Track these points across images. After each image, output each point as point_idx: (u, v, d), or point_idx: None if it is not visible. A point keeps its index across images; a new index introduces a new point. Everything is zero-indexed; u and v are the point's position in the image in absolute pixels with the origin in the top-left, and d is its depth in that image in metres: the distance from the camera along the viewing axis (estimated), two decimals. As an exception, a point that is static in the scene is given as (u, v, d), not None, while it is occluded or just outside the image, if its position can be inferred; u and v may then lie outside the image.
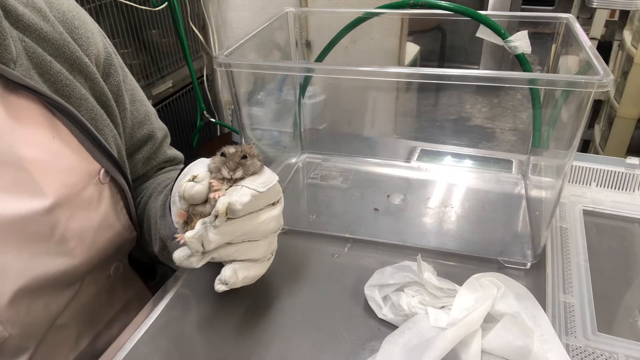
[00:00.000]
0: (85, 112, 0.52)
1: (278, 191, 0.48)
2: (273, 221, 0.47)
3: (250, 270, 0.47)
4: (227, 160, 0.45)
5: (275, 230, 0.49)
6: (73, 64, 0.52)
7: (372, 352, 0.47)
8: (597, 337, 0.48)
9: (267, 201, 0.46)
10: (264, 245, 0.48)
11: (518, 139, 2.16)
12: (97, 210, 0.54)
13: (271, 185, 0.46)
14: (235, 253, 0.46)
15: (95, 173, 0.53)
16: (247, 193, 0.44)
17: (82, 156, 0.52)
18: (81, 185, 0.51)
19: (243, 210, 0.44)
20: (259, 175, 0.46)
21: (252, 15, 1.61)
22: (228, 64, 0.55)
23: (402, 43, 1.45)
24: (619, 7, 1.71)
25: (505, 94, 2.48)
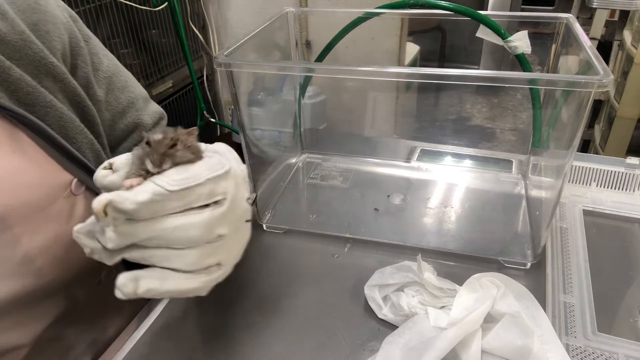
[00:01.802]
0: (53, 121, 0.48)
1: (208, 193, 0.39)
2: (196, 229, 0.38)
3: (167, 282, 0.39)
4: (151, 151, 0.38)
5: (205, 238, 0.39)
6: (38, 66, 0.47)
7: (372, 352, 0.47)
8: (597, 337, 0.48)
9: (184, 203, 0.38)
10: (193, 255, 0.39)
11: (518, 139, 2.16)
12: (69, 224, 0.48)
13: (190, 185, 0.37)
14: (152, 258, 0.39)
15: (66, 185, 0.49)
16: (147, 190, 0.36)
17: (49, 169, 0.48)
18: (47, 201, 0.47)
19: (141, 210, 0.36)
20: (184, 169, 0.38)
21: (252, 15, 1.61)
22: (228, 64, 0.54)
23: (402, 43, 1.45)
24: (619, 7, 1.71)
25: (505, 94, 2.48)
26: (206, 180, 0.38)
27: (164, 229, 0.37)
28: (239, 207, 0.42)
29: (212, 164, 0.40)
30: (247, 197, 0.44)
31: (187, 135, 0.39)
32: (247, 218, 0.44)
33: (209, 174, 0.38)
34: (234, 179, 0.41)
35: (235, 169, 0.42)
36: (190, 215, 0.38)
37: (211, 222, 0.39)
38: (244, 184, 0.43)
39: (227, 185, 0.40)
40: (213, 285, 0.42)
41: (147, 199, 0.36)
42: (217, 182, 0.39)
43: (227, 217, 0.40)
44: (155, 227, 0.37)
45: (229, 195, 0.40)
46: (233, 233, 0.41)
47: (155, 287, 0.39)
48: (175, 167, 0.38)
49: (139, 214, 0.36)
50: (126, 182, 0.37)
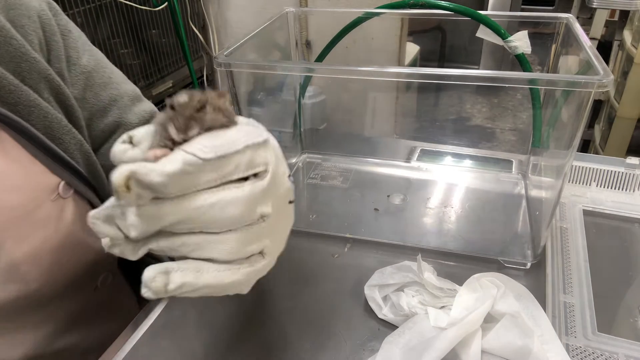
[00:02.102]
0: (37, 120, 0.45)
1: (247, 163, 0.32)
2: (236, 206, 0.31)
3: (204, 275, 0.33)
4: (175, 115, 0.32)
5: (246, 218, 0.32)
6: (20, 63, 0.44)
7: (372, 352, 0.47)
8: (597, 337, 0.48)
9: (220, 175, 0.31)
10: (233, 240, 0.32)
11: (518, 139, 2.16)
12: (57, 228, 0.46)
13: (227, 152, 0.31)
14: (183, 248, 0.33)
15: (53, 188, 0.46)
16: (177, 159, 0.30)
17: (34, 171, 0.45)
18: (32, 205, 0.44)
19: (171, 184, 0.30)
20: (216, 135, 0.32)
21: (252, 15, 1.61)
22: (228, 64, 0.54)
23: (402, 43, 1.45)
24: (619, 7, 1.71)
25: (505, 94, 2.48)
26: (245, 147, 0.32)
27: (198, 208, 0.31)
28: (281, 184, 0.35)
29: (249, 131, 0.34)
30: (288, 174, 0.37)
31: (217, 97, 0.33)
32: (291, 198, 0.38)
33: (247, 140, 0.32)
34: (273, 150, 0.34)
35: (273, 140, 0.36)
36: (228, 189, 0.31)
37: (253, 197, 0.32)
38: (284, 160, 0.37)
39: (267, 155, 0.33)
40: (256, 279, 0.36)
41: (178, 169, 0.29)
42: (256, 151, 0.33)
43: (269, 194, 0.33)
44: (187, 206, 0.31)
45: (270, 167, 0.33)
46: (276, 215, 0.34)
47: (190, 281, 0.32)
48: (205, 133, 0.32)
49: (168, 190, 0.30)
50: (150, 152, 0.31)
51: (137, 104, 0.57)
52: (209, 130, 0.32)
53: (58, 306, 0.49)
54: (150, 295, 0.32)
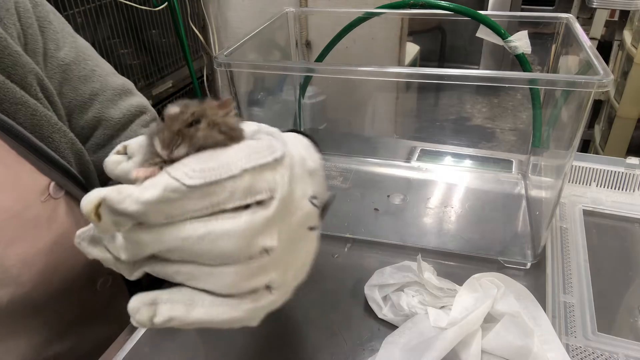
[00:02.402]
0: (25, 119, 0.44)
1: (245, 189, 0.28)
2: (229, 239, 0.28)
3: (196, 309, 0.29)
4: (163, 128, 0.28)
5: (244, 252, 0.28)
6: (3, 57, 0.43)
7: (372, 352, 0.47)
8: (597, 337, 0.48)
9: (211, 203, 0.27)
10: (230, 274, 0.29)
11: (518, 139, 2.16)
12: (49, 230, 0.45)
13: (217, 178, 0.27)
14: (177, 276, 0.29)
15: (43, 189, 0.44)
16: (158, 184, 0.27)
17: (21, 172, 0.44)
18: (20, 206, 0.43)
19: (151, 213, 0.27)
20: (210, 156, 0.28)
21: (252, 15, 1.61)
22: (228, 64, 0.54)
23: (402, 43, 1.45)
24: (619, 7, 1.71)
25: (505, 94, 2.48)
26: (241, 171, 0.28)
27: (185, 239, 0.27)
28: (296, 210, 0.31)
29: (256, 149, 0.29)
30: (310, 196, 0.32)
31: (216, 109, 0.29)
32: (311, 224, 0.33)
33: (246, 163, 0.28)
34: (288, 171, 0.30)
35: (293, 157, 0.31)
36: (221, 220, 0.28)
37: (251, 229, 0.28)
38: (308, 178, 0.32)
39: (275, 178, 0.29)
40: (263, 314, 0.32)
41: (156, 196, 0.26)
42: (260, 173, 0.28)
43: (275, 223, 0.29)
44: (173, 236, 0.27)
45: (278, 193, 0.29)
46: (288, 245, 0.30)
47: (179, 316, 0.29)
48: (198, 152, 0.28)
49: (149, 218, 0.27)
50: (133, 172, 0.28)
51: (125, 98, 0.54)
52: (202, 148, 0.28)
53: (54, 310, 0.48)
54: (135, 324, 0.29)
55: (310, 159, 0.33)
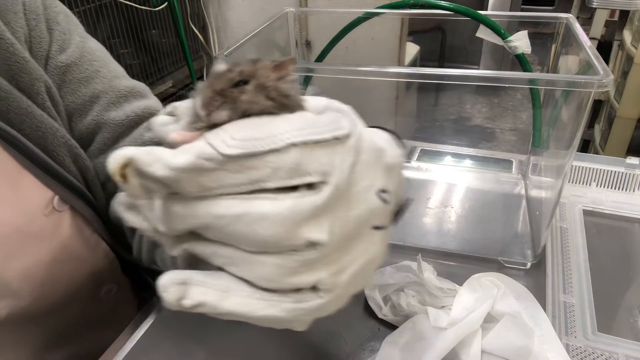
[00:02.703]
0: (30, 130, 0.42)
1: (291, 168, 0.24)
2: (267, 224, 0.24)
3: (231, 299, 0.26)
4: (207, 87, 0.25)
5: (285, 242, 0.24)
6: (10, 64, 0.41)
7: (372, 352, 0.47)
8: (597, 337, 0.48)
9: (249, 179, 0.24)
10: (270, 265, 0.25)
11: (518, 139, 2.16)
12: (52, 244, 0.44)
13: (258, 149, 0.24)
14: (215, 258, 0.27)
15: (47, 202, 0.43)
16: (192, 150, 0.24)
17: (24, 184, 0.42)
18: (23, 220, 0.41)
19: (182, 181, 0.24)
20: (256, 124, 0.25)
21: (252, 15, 1.61)
22: (228, 64, 0.54)
23: (402, 43, 1.45)
24: (619, 7, 1.71)
25: (505, 94, 2.48)
26: (288, 145, 0.24)
27: (219, 217, 0.24)
28: (358, 202, 0.26)
29: (312, 123, 0.25)
30: (379, 189, 0.27)
31: (270, 71, 0.25)
32: (377, 223, 0.28)
33: (295, 136, 0.24)
34: (351, 154, 0.25)
35: (362, 141, 0.26)
36: (260, 200, 0.24)
37: (294, 216, 0.24)
38: (381, 170, 0.27)
39: (332, 160, 0.24)
40: (309, 319, 0.28)
41: (188, 163, 0.23)
42: (312, 152, 0.24)
43: (326, 213, 0.25)
44: (206, 211, 0.24)
45: (334, 177, 0.24)
46: (343, 242, 0.26)
47: (211, 302, 0.27)
48: (243, 119, 0.25)
49: (182, 187, 0.24)
50: (172, 134, 0.25)
51: (132, 101, 0.50)
52: (248, 114, 0.25)
53: (55, 319, 0.47)
54: (165, 304, 0.27)
55: (390, 153, 0.28)
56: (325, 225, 0.25)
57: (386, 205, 0.27)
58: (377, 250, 0.29)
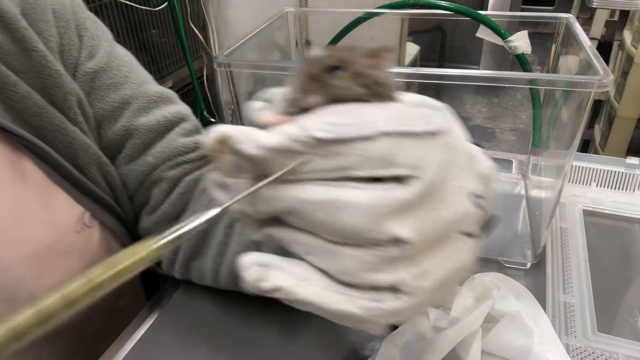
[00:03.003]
0: (62, 146, 0.42)
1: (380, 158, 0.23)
2: (352, 213, 0.23)
3: (308, 288, 0.26)
4: (301, 72, 0.25)
5: (368, 235, 0.23)
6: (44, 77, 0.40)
7: (372, 352, 0.47)
8: (597, 337, 0.48)
9: (338, 166, 0.23)
10: (348, 257, 0.24)
11: (518, 139, 2.16)
12: (81, 258, 0.44)
13: (349, 135, 0.23)
14: (294, 245, 0.26)
15: (78, 218, 0.43)
16: (283, 132, 0.23)
17: (56, 201, 0.42)
18: (54, 237, 0.41)
19: (271, 161, 0.24)
20: (350, 110, 0.24)
21: (252, 15, 1.61)
22: (228, 64, 0.54)
23: (402, 43, 1.45)
24: (619, 7, 1.71)
25: (505, 94, 2.48)
26: (379, 133, 0.23)
27: (304, 202, 0.24)
28: (449, 204, 0.24)
29: (405, 114, 0.24)
30: (472, 193, 0.26)
31: (365, 58, 0.25)
32: (467, 229, 0.26)
33: (387, 125, 0.23)
34: (444, 151, 0.24)
35: (458, 140, 0.26)
36: (346, 188, 0.23)
37: (380, 208, 0.23)
38: (474, 175, 0.26)
39: (423, 154, 0.23)
40: (385, 322, 0.26)
41: (279, 144, 0.23)
42: (403, 143, 0.23)
43: (414, 210, 0.23)
44: (292, 195, 0.24)
45: (425, 173, 0.23)
46: (430, 244, 0.25)
47: (287, 288, 0.26)
48: (337, 105, 0.24)
49: (270, 168, 0.24)
50: (264, 116, 0.26)
51: (162, 106, 0.49)
52: (339, 100, 0.24)
53: (76, 331, 0.47)
54: (245, 284, 0.26)
55: (483, 163, 0.28)
56: (411, 223, 0.23)
57: (478, 211, 0.26)
58: (465, 258, 0.26)
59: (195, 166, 0.48)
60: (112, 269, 0.23)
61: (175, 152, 0.47)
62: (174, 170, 0.47)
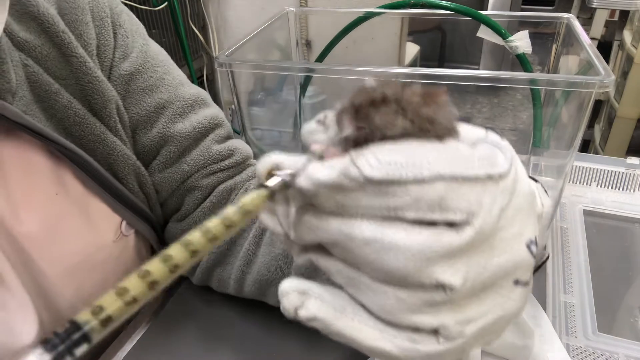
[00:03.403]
0: (101, 156, 0.41)
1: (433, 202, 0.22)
2: (398, 255, 0.22)
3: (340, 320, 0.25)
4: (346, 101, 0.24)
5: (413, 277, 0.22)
6: (84, 84, 0.39)
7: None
8: (598, 337, 0.48)
9: (387, 205, 0.22)
10: (389, 297, 0.23)
11: (518, 139, 2.16)
12: (116, 268, 0.44)
13: (402, 177, 0.22)
14: (337, 276, 0.25)
15: (116, 228, 0.43)
16: (336, 166, 0.23)
17: (95, 211, 0.42)
18: (93, 248, 0.41)
19: (321, 195, 0.23)
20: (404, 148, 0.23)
21: (252, 15, 1.61)
22: (229, 64, 0.54)
23: (402, 43, 1.45)
24: (619, 7, 1.71)
25: (505, 94, 2.48)
26: (435, 176, 0.22)
27: (350, 237, 0.23)
28: (503, 251, 0.23)
29: (465, 156, 0.23)
30: (529, 240, 0.25)
31: (417, 95, 0.23)
32: (520, 277, 0.25)
33: (444, 168, 0.22)
34: (504, 196, 0.23)
35: (520, 182, 0.24)
36: (394, 229, 0.22)
37: (429, 253, 0.22)
38: (532, 215, 0.25)
39: (480, 199, 0.22)
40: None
41: (330, 179, 0.22)
42: (460, 187, 0.22)
43: (464, 257, 0.23)
44: (338, 229, 0.23)
45: (478, 219, 0.22)
46: (477, 292, 0.24)
47: (323, 318, 0.25)
48: (391, 140, 0.23)
49: (320, 201, 0.23)
50: (314, 145, 0.25)
51: (198, 110, 0.47)
52: (385, 135, 0.23)
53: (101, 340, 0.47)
54: (283, 309, 0.26)
55: (539, 201, 0.27)
56: (460, 269, 0.22)
57: (533, 259, 0.25)
58: (514, 307, 0.26)
59: (229, 174, 0.48)
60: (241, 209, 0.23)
61: (210, 160, 0.47)
62: (208, 178, 0.47)
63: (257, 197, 0.23)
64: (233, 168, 0.48)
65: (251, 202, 0.23)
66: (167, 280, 0.22)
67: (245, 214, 0.23)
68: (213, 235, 0.22)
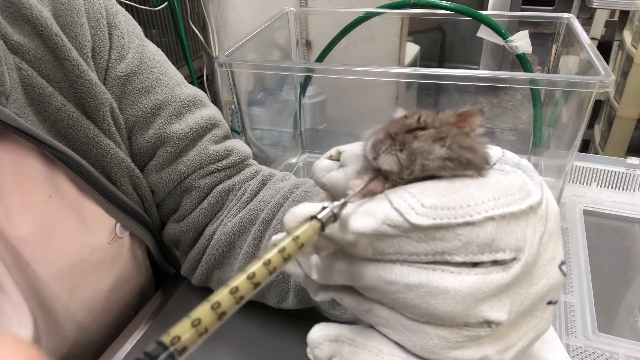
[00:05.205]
0: (95, 159, 0.41)
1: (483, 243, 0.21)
2: (447, 300, 0.21)
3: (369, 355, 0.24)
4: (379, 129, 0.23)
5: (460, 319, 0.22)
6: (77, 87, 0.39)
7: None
8: (598, 337, 0.48)
9: (434, 250, 0.21)
10: (432, 337, 0.22)
11: (518, 139, 2.16)
12: (112, 270, 0.44)
13: (452, 222, 0.21)
14: (369, 316, 0.24)
15: (110, 230, 0.43)
16: (377, 213, 0.21)
17: (89, 214, 0.42)
18: (87, 250, 0.41)
19: (360, 244, 0.22)
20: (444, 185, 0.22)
21: (252, 15, 1.61)
22: (229, 64, 0.54)
23: (402, 43, 1.45)
24: (619, 7, 1.71)
25: (505, 94, 2.48)
26: (486, 218, 0.21)
27: (390, 283, 0.22)
28: (540, 277, 0.23)
29: (506, 189, 0.22)
30: (562, 261, 0.25)
31: (451, 120, 0.23)
32: (552, 298, 0.25)
33: (492, 207, 0.21)
34: (542, 225, 0.23)
35: (550, 205, 0.24)
36: (441, 273, 0.21)
37: (477, 295, 0.21)
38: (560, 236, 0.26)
39: (525, 234, 0.22)
40: None
41: (372, 229, 0.21)
42: (507, 225, 0.21)
43: (510, 292, 0.22)
44: (376, 275, 0.22)
45: (524, 254, 0.22)
46: (517, 319, 0.23)
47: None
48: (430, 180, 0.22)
49: (356, 249, 0.22)
50: (354, 181, 0.23)
51: (194, 110, 0.46)
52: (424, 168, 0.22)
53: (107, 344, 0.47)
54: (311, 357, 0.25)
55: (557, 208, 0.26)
56: (507, 305, 0.22)
57: (564, 279, 0.25)
58: (546, 326, 0.26)
59: (227, 175, 0.48)
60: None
61: (207, 161, 0.46)
62: (205, 179, 0.46)
63: (310, 228, 0.21)
64: (231, 168, 0.48)
65: (304, 233, 0.21)
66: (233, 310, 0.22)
67: (300, 247, 0.21)
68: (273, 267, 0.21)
